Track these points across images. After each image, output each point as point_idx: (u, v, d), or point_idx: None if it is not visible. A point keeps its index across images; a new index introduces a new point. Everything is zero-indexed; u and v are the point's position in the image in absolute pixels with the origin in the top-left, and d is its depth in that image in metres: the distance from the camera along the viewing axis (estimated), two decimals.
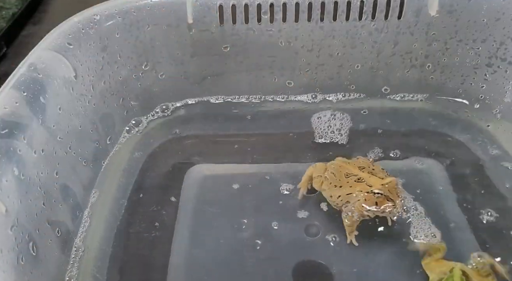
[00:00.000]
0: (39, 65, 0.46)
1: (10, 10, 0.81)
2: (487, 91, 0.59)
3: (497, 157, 0.56)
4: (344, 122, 0.60)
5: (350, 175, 0.47)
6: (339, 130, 0.60)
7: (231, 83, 0.63)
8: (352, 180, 0.46)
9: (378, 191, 0.43)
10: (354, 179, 0.46)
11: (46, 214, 0.42)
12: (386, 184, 0.44)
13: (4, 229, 0.35)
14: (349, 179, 0.46)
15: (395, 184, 0.44)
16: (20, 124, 0.41)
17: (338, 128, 0.60)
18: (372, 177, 0.45)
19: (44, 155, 0.43)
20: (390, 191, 0.44)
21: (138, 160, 0.57)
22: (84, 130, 0.52)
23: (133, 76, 0.59)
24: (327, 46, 0.60)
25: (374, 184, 0.44)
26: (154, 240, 0.48)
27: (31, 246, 0.38)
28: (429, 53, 0.60)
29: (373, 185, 0.44)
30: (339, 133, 0.59)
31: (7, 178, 0.37)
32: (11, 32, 0.79)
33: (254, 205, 0.51)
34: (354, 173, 0.46)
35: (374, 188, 0.44)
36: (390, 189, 0.44)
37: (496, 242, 0.47)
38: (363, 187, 0.45)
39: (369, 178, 0.45)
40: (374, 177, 0.45)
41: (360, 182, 0.45)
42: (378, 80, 0.62)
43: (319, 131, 0.60)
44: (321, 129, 0.60)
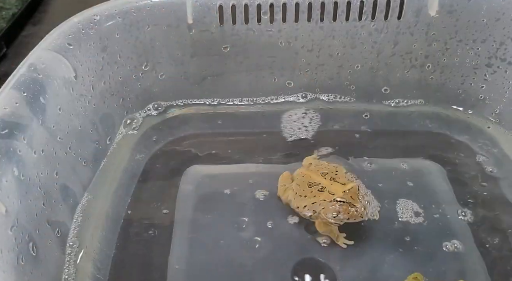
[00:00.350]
0: (39, 65, 0.46)
1: (10, 10, 0.81)
2: (487, 91, 0.59)
3: (497, 158, 0.56)
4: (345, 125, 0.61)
5: (313, 184, 0.47)
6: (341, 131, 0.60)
7: (231, 84, 0.63)
8: (315, 189, 0.46)
9: (340, 199, 0.44)
10: (317, 188, 0.46)
11: (46, 214, 0.42)
12: (348, 190, 0.44)
13: (4, 229, 0.35)
14: (312, 188, 0.47)
15: (356, 189, 0.45)
16: (20, 125, 0.41)
17: (339, 129, 0.60)
18: (334, 185, 0.46)
19: (44, 155, 0.43)
20: (352, 197, 0.44)
21: (138, 160, 0.57)
22: (84, 130, 0.52)
23: (133, 76, 0.59)
24: (327, 46, 0.60)
25: (336, 191, 0.45)
26: (153, 240, 0.48)
27: (31, 247, 0.38)
28: (429, 53, 0.60)
29: (335, 193, 0.45)
30: (338, 134, 0.59)
31: (7, 178, 0.37)
32: (11, 33, 0.79)
33: (254, 205, 0.51)
34: (317, 181, 0.47)
35: (336, 196, 0.44)
36: (352, 195, 0.44)
37: (497, 243, 0.47)
38: (326, 196, 0.45)
39: (331, 186, 0.46)
40: (336, 183, 0.46)
41: (322, 191, 0.46)
42: (378, 80, 0.62)
43: (317, 131, 0.60)
44: (319, 129, 0.60)
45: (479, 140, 0.58)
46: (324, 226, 0.46)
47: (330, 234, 0.46)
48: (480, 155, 0.56)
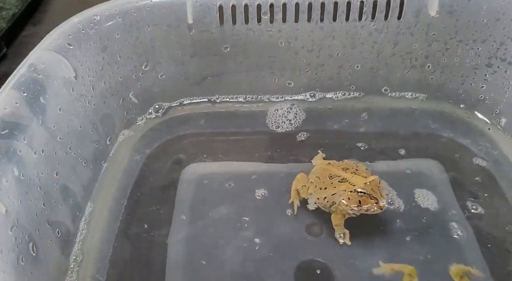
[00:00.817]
0: (39, 65, 0.46)
1: (10, 10, 0.81)
2: (487, 92, 0.59)
3: (496, 158, 0.56)
4: (346, 124, 0.61)
5: (334, 176, 0.48)
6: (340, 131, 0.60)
7: (231, 84, 0.63)
8: (336, 180, 0.47)
9: (361, 190, 0.45)
10: (338, 179, 0.47)
11: (46, 214, 0.42)
12: (369, 182, 0.45)
13: (4, 229, 0.35)
14: (333, 180, 0.47)
15: (377, 182, 0.45)
16: (20, 125, 0.41)
17: (337, 129, 0.60)
18: (355, 177, 0.46)
19: (44, 155, 0.43)
20: (372, 190, 0.45)
21: (138, 160, 0.57)
22: (84, 130, 0.52)
23: (133, 76, 0.59)
24: (327, 46, 0.60)
25: (357, 183, 0.45)
26: (153, 240, 0.48)
27: (31, 247, 0.38)
28: (429, 53, 0.60)
29: (356, 184, 0.45)
30: (338, 134, 0.59)
31: (7, 178, 0.37)
32: (11, 33, 0.79)
33: (254, 204, 0.51)
34: (338, 174, 0.48)
35: (357, 187, 0.45)
36: (373, 187, 0.45)
37: (497, 243, 0.47)
38: (347, 187, 0.46)
39: (352, 177, 0.46)
40: (357, 176, 0.47)
41: (343, 182, 0.46)
42: (378, 80, 0.63)
43: (317, 131, 0.60)
44: (319, 129, 0.60)
45: (479, 141, 0.58)
46: (339, 219, 0.47)
47: (337, 226, 0.47)
48: (480, 156, 0.56)
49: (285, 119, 0.62)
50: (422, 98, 0.63)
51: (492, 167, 0.55)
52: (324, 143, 0.58)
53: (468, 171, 0.55)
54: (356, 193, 0.45)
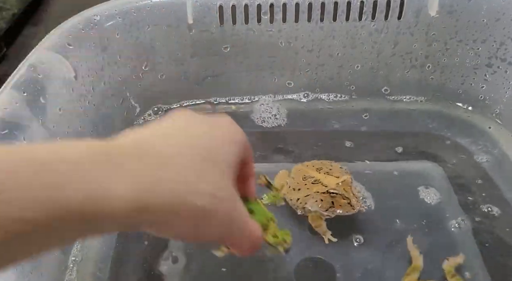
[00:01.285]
0: (39, 65, 0.46)
1: (10, 10, 0.80)
2: (487, 92, 0.59)
3: (497, 158, 0.56)
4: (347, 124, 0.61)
5: (307, 177, 0.48)
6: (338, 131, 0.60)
7: (231, 83, 0.63)
8: (309, 182, 0.47)
9: (332, 191, 0.44)
10: (311, 180, 0.47)
11: None
12: (341, 182, 0.45)
13: None
14: (307, 181, 0.47)
15: (349, 182, 0.45)
16: (20, 125, 0.41)
17: (339, 130, 0.60)
18: (328, 177, 0.46)
19: None
20: (345, 189, 0.45)
21: None
22: (84, 130, 0.52)
23: (133, 76, 0.59)
24: (327, 46, 0.60)
25: (329, 184, 0.45)
26: (152, 240, 0.48)
27: None
28: (429, 53, 0.60)
29: (328, 185, 0.45)
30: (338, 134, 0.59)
31: None
32: (11, 33, 0.78)
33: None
34: (311, 175, 0.48)
35: (329, 188, 0.45)
36: (345, 187, 0.45)
37: (496, 242, 0.47)
38: (319, 188, 0.46)
39: (325, 178, 0.46)
40: (330, 177, 0.47)
41: (316, 183, 0.46)
42: (378, 80, 0.63)
43: (318, 131, 0.60)
44: (321, 129, 0.60)
45: (480, 141, 0.58)
46: (316, 220, 0.46)
47: (319, 228, 0.46)
48: (480, 155, 0.56)
49: (285, 119, 0.62)
50: (422, 98, 0.63)
51: (492, 166, 0.55)
52: (322, 143, 0.58)
53: (468, 170, 0.55)
54: (329, 194, 0.45)
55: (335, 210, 0.45)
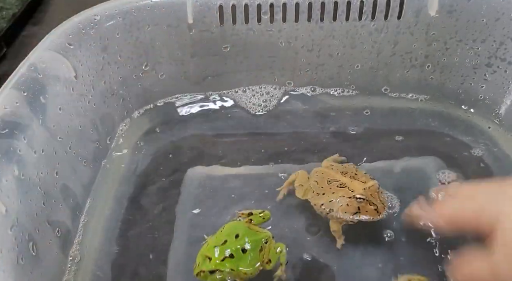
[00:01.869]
0: (40, 65, 0.46)
1: (10, 10, 0.80)
2: (487, 91, 0.59)
3: (497, 157, 0.56)
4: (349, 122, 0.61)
5: (332, 181, 0.46)
6: (339, 130, 0.60)
7: (231, 83, 0.63)
8: (334, 186, 0.46)
9: (360, 196, 0.43)
10: (336, 184, 0.46)
11: (46, 214, 0.42)
12: (368, 187, 0.44)
13: (4, 229, 0.35)
14: (332, 185, 0.46)
15: (376, 187, 0.44)
16: (21, 124, 0.41)
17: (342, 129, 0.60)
18: (354, 182, 0.45)
19: (44, 155, 0.43)
20: (372, 195, 0.44)
21: (138, 159, 0.57)
22: (84, 130, 0.52)
23: (133, 76, 0.59)
24: (327, 46, 0.60)
25: (356, 189, 0.44)
26: (154, 240, 0.48)
27: (31, 246, 0.38)
28: (429, 53, 0.60)
29: (355, 190, 0.44)
30: (337, 135, 0.59)
31: (7, 178, 0.37)
32: (11, 32, 0.79)
33: (254, 205, 0.51)
34: (336, 178, 0.46)
35: (356, 193, 0.44)
36: (372, 193, 0.44)
37: None
38: (345, 193, 0.44)
39: (351, 183, 0.45)
40: (356, 181, 0.45)
41: (342, 187, 0.45)
42: (378, 80, 0.63)
43: (320, 133, 0.60)
44: (323, 130, 0.60)
45: (480, 140, 0.58)
46: (337, 225, 0.45)
47: (336, 233, 0.45)
48: (480, 154, 0.56)
49: (288, 120, 0.62)
50: (422, 97, 0.63)
51: (492, 165, 0.55)
52: (323, 143, 0.58)
53: (468, 169, 0.54)
54: (355, 200, 0.43)
55: (361, 215, 0.44)
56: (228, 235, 0.41)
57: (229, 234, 0.42)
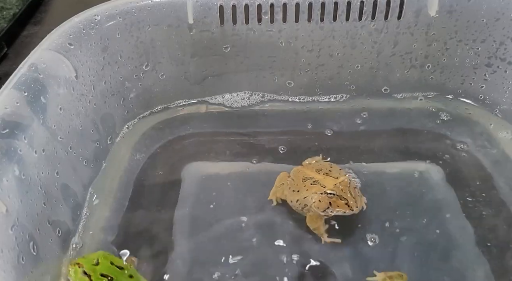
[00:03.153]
0: (40, 65, 0.46)
1: (11, 10, 0.81)
2: (487, 91, 0.60)
3: (496, 157, 0.56)
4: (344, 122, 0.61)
5: (307, 178, 0.48)
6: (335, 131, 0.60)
7: (231, 83, 0.63)
8: (308, 183, 0.48)
9: (330, 192, 0.45)
10: (310, 181, 0.47)
11: (46, 214, 0.42)
12: (339, 183, 0.45)
13: (4, 229, 0.35)
14: (306, 182, 0.48)
15: (347, 183, 0.46)
16: (21, 124, 0.41)
17: (337, 131, 0.60)
18: (327, 178, 0.47)
19: (44, 155, 0.44)
20: (343, 190, 0.45)
21: (139, 159, 0.57)
22: (85, 130, 0.52)
23: (133, 76, 0.59)
24: (327, 46, 0.60)
25: (327, 184, 0.46)
26: (154, 239, 0.49)
27: (32, 246, 0.39)
28: (428, 53, 0.60)
29: (327, 186, 0.46)
30: (337, 135, 0.59)
31: (7, 178, 0.37)
32: (11, 32, 0.79)
33: (253, 204, 0.52)
34: (310, 176, 0.48)
35: (327, 189, 0.45)
36: (343, 188, 0.45)
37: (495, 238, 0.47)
38: (318, 189, 0.46)
39: (324, 179, 0.47)
40: (328, 177, 0.47)
41: (315, 184, 0.47)
42: (378, 80, 0.63)
43: (314, 132, 0.60)
44: (318, 132, 0.60)
45: (479, 140, 0.58)
46: (314, 221, 0.47)
47: (317, 230, 0.47)
48: (480, 155, 0.56)
49: (286, 119, 0.62)
50: (421, 97, 0.63)
51: (491, 165, 0.55)
52: (323, 143, 0.58)
53: (467, 170, 0.55)
54: (326, 195, 0.45)
55: (332, 210, 0.45)
56: None
57: None
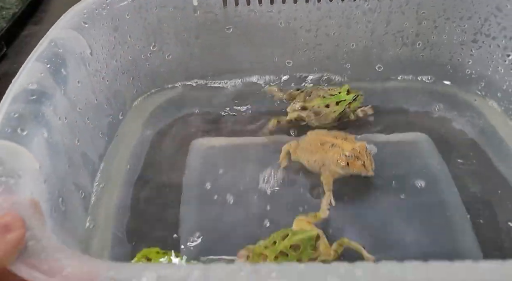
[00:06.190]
0: (59, 41, 0.49)
1: (10, 10, 0.81)
2: (473, 66, 0.64)
3: (482, 128, 0.60)
4: None
5: (324, 142, 0.53)
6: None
7: (234, 64, 0.67)
8: (326, 146, 0.52)
9: (349, 154, 0.50)
10: (328, 145, 0.52)
11: (70, 176, 0.45)
12: (357, 147, 0.51)
13: (39, 182, 0.38)
14: (324, 145, 0.52)
15: (364, 147, 0.51)
16: (46, 93, 0.44)
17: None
18: (345, 143, 0.52)
19: (67, 122, 0.46)
20: (360, 153, 0.50)
21: (148, 135, 0.61)
22: (100, 104, 0.55)
23: (142, 56, 0.63)
24: (324, 26, 0.64)
25: (346, 148, 0.51)
26: (166, 203, 0.52)
27: (60, 202, 0.42)
28: (419, 31, 0.64)
29: (345, 149, 0.50)
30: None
31: (38, 139, 0.40)
32: (11, 32, 0.79)
33: (256, 175, 0.55)
34: (328, 141, 0.53)
35: (345, 151, 0.50)
36: (361, 151, 0.50)
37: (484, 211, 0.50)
38: (336, 151, 0.51)
39: (342, 143, 0.52)
40: (346, 142, 0.52)
41: (333, 147, 0.52)
42: (372, 58, 0.66)
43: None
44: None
45: (467, 113, 0.62)
46: (329, 179, 0.51)
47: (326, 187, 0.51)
48: (467, 127, 0.60)
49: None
50: (412, 74, 0.67)
51: (478, 135, 0.59)
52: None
53: (456, 141, 0.59)
54: (345, 156, 0.50)
55: (349, 169, 0.50)
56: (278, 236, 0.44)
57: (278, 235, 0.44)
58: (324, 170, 0.51)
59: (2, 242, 0.28)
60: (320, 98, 0.59)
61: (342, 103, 0.59)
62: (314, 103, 0.59)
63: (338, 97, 0.59)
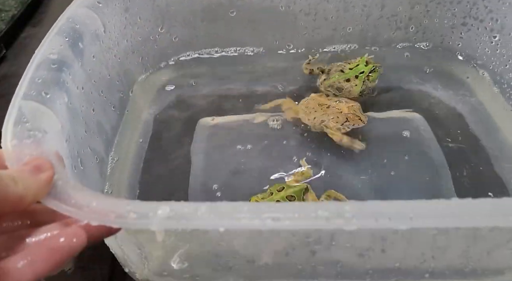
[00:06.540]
0: (75, 17, 0.52)
1: (9, 12, 0.81)
2: (463, 48, 0.68)
3: (473, 105, 0.64)
4: None
5: (322, 105, 0.59)
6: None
7: (237, 45, 0.71)
8: (324, 107, 0.58)
9: (347, 112, 0.56)
10: (326, 106, 0.58)
11: (87, 140, 0.49)
12: (352, 106, 0.57)
13: (62, 140, 0.42)
14: (322, 107, 0.59)
15: (359, 107, 0.58)
16: (66, 63, 0.47)
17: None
18: (340, 104, 0.58)
19: (84, 92, 0.50)
20: (355, 111, 0.57)
21: (155, 112, 0.64)
22: (112, 79, 0.59)
23: (150, 37, 0.66)
24: (322, 10, 0.67)
25: (342, 108, 0.57)
26: (174, 172, 0.56)
27: (79, 161, 0.45)
28: (412, 15, 0.67)
29: (342, 109, 0.57)
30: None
31: (60, 102, 0.44)
32: (10, 34, 0.79)
33: (254, 142, 0.59)
34: (326, 103, 0.59)
35: (342, 111, 0.57)
36: (355, 110, 0.57)
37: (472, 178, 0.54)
38: (334, 111, 0.57)
39: (338, 105, 0.58)
40: (341, 103, 0.58)
41: (330, 108, 0.58)
42: (367, 42, 0.70)
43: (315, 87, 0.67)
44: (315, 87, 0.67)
45: (459, 91, 0.66)
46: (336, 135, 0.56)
47: (344, 142, 0.56)
48: (459, 105, 0.64)
49: (288, 77, 0.69)
50: (407, 55, 0.70)
51: (469, 112, 0.63)
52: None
53: (448, 118, 0.62)
54: (343, 114, 0.56)
55: (349, 124, 0.56)
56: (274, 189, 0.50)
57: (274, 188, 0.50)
58: (325, 126, 0.57)
59: (36, 180, 0.31)
60: (338, 73, 0.63)
61: (360, 77, 0.62)
62: (334, 79, 0.63)
63: (356, 70, 0.63)
